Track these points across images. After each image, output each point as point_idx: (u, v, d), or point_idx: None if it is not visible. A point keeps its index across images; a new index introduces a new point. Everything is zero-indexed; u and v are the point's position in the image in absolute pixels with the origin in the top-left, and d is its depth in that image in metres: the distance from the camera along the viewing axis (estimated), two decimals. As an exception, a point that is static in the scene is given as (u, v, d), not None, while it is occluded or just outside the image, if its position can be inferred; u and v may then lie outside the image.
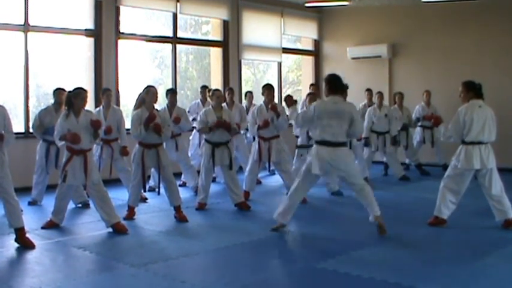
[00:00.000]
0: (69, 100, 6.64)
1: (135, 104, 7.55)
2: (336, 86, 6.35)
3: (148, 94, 7.24)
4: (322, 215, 7.81)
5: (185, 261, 5.60)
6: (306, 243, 6.42)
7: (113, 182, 8.79)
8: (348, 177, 6.35)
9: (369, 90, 11.28)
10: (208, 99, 9.31)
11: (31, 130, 8.48)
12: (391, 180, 10.64)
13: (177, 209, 7.36)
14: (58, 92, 8.11)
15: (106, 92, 8.78)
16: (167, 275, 5.12)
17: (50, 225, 6.83)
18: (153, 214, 7.75)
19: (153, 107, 7.29)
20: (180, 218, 7.28)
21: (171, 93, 9.13)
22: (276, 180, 10.03)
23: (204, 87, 10.51)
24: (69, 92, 6.72)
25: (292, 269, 5.42)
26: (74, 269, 5.39)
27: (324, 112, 6.21)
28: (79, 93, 6.62)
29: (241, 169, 10.12)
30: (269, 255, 5.87)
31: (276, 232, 6.54)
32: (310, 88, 11.94)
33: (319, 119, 6.22)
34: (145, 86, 7.38)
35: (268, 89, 8.57)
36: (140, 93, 7.39)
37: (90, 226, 7.01)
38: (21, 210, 6.23)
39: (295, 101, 6.89)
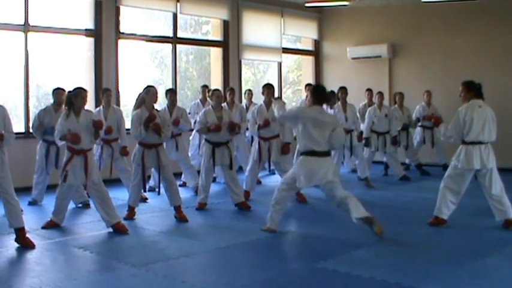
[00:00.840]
0: (69, 100, 6.65)
1: (135, 104, 7.55)
2: (320, 96, 6.43)
3: (149, 94, 7.24)
4: (322, 215, 7.81)
5: (185, 261, 5.60)
6: (306, 243, 6.42)
7: (113, 182, 8.80)
8: (330, 187, 6.35)
9: (369, 90, 11.28)
10: (208, 99, 9.32)
11: (31, 130, 8.47)
12: (391, 180, 10.64)
13: (177, 209, 7.36)
14: (57, 92, 8.11)
15: (106, 92, 8.79)
16: (167, 275, 5.12)
17: (51, 225, 6.84)
18: (153, 214, 7.75)
19: (153, 107, 7.30)
20: (180, 218, 7.28)
21: (171, 92, 9.14)
22: (276, 180, 10.02)
23: (205, 87, 10.51)
24: (69, 92, 6.73)
25: (292, 269, 5.42)
26: (74, 269, 5.39)
27: (308, 118, 6.29)
28: (79, 93, 6.63)
29: (241, 169, 10.12)
30: (269, 255, 5.86)
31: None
32: (305, 89, 11.94)
33: (303, 126, 6.30)
34: (146, 86, 7.39)
35: (268, 88, 8.58)
36: (140, 93, 7.39)
37: (91, 226, 7.01)
38: (21, 210, 6.24)
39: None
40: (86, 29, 10.32)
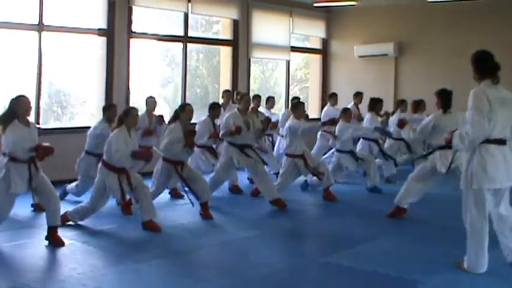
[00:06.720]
0: (120, 118, 6.74)
1: (170, 118, 7.42)
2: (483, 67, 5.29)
3: (184, 112, 7.17)
4: (326, 209, 7.86)
5: (189, 256, 5.66)
6: (309, 237, 6.50)
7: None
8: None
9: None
10: (236, 102, 9.26)
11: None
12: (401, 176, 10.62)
13: (204, 205, 7.29)
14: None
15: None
16: (171, 270, 5.20)
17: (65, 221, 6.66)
18: (158, 210, 7.68)
19: (188, 123, 7.25)
20: (205, 215, 7.19)
21: (216, 106, 8.68)
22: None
23: (227, 92, 10.50)
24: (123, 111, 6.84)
25: (296, 263, 5.47)
26: (78, 264, 5.32)
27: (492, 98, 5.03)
28: (129, 111, 6.74)
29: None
30: (273, 249, 5.95)
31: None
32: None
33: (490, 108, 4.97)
34: (181, 104, 7.48)
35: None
36: (176, 110, 7.32)
37: (96, 221, 6.84)
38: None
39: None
40: (98, 29, 10.44)
